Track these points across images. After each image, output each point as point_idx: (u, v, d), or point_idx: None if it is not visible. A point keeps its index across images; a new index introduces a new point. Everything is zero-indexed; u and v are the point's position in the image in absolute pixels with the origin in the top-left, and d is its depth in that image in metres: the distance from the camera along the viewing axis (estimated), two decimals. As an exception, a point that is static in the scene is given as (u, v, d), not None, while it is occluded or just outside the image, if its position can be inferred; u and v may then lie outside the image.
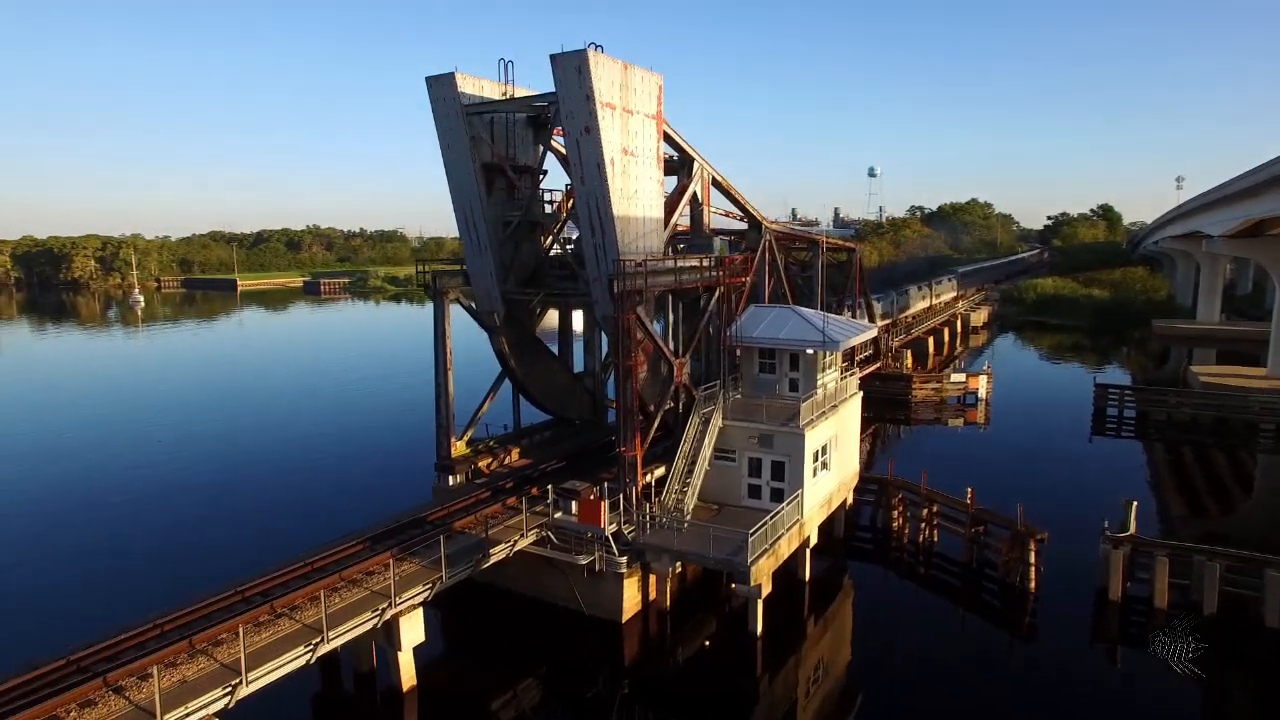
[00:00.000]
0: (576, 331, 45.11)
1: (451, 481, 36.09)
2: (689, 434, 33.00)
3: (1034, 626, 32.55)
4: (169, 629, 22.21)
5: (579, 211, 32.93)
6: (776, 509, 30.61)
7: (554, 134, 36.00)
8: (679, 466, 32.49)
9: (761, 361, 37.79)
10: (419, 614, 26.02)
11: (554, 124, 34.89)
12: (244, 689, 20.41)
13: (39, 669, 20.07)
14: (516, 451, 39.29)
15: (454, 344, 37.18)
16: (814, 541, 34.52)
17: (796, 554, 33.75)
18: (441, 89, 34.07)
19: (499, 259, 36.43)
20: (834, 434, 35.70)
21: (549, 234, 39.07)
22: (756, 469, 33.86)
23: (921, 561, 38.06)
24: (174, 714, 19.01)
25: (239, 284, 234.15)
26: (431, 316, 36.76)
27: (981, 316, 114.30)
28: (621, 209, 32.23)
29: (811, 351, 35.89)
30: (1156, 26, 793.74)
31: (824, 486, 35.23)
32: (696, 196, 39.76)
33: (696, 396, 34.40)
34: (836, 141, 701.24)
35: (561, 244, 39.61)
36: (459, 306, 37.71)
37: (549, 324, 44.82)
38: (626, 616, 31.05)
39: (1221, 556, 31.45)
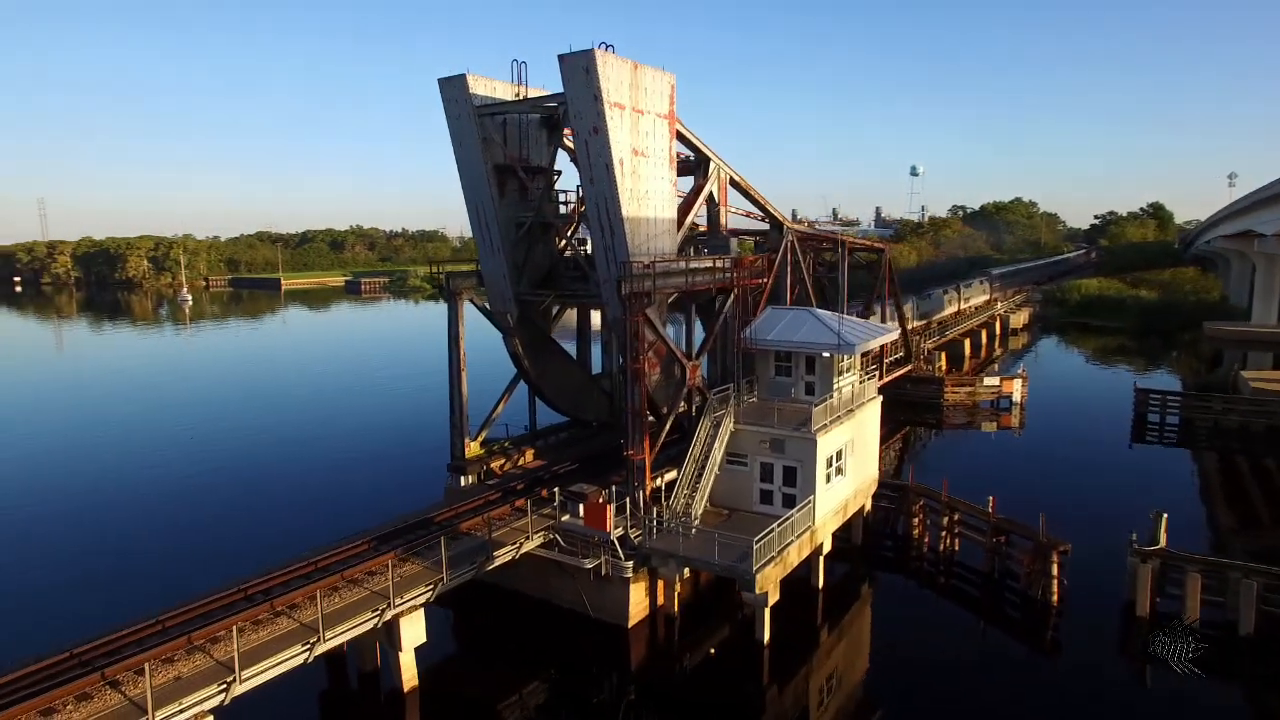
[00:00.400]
0: (597, 331, 44.90)
1: (463, 482, 36.17)
2: (699, 437, 32.54)
3: (1057, 641, 31.48)
4: (170, 625, 22.56)
5: (588, 212, 32.71)
6: (782, 517, 29.96)
7: (566, 134, 35.85)
8: (688, 470, 32.07)
9: (777, 364, 37.13)
10: (420, 615, 26.05)
11: (565, 124, 34.71)
12: (238, 687, 20.59)
13: (41, 662, 20.51)
14: (531, 453, 39.23)
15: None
16: (827, 549, 33.80)
17: (809, 561, 33.07)
18: (453, 90, 34.14)
19: (512, 260, 36.40)
20: (850, 439, 34.89)
21: (563, 235, 38.93)
22: (768, 474, 33.25)
23: (942, 571, 37.05)
24: (167, 710, 19.25)
25: (283, 283, 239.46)
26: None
27: (1022, 318, 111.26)
28: (631, 210, 31.91)
29: (828, 354, 35.14)
30: (1209, 10, 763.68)
31: (839, 493, 34.46)
32: (713, 197, 39.24)
33: (708, 399, 33.91)
34: (880, 140, 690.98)
35: (574, 245, 39.43)
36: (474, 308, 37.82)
37: (569, 323, 44.76)
38: (633, 621, 30.74)
39: (1260, 574, 29.96)
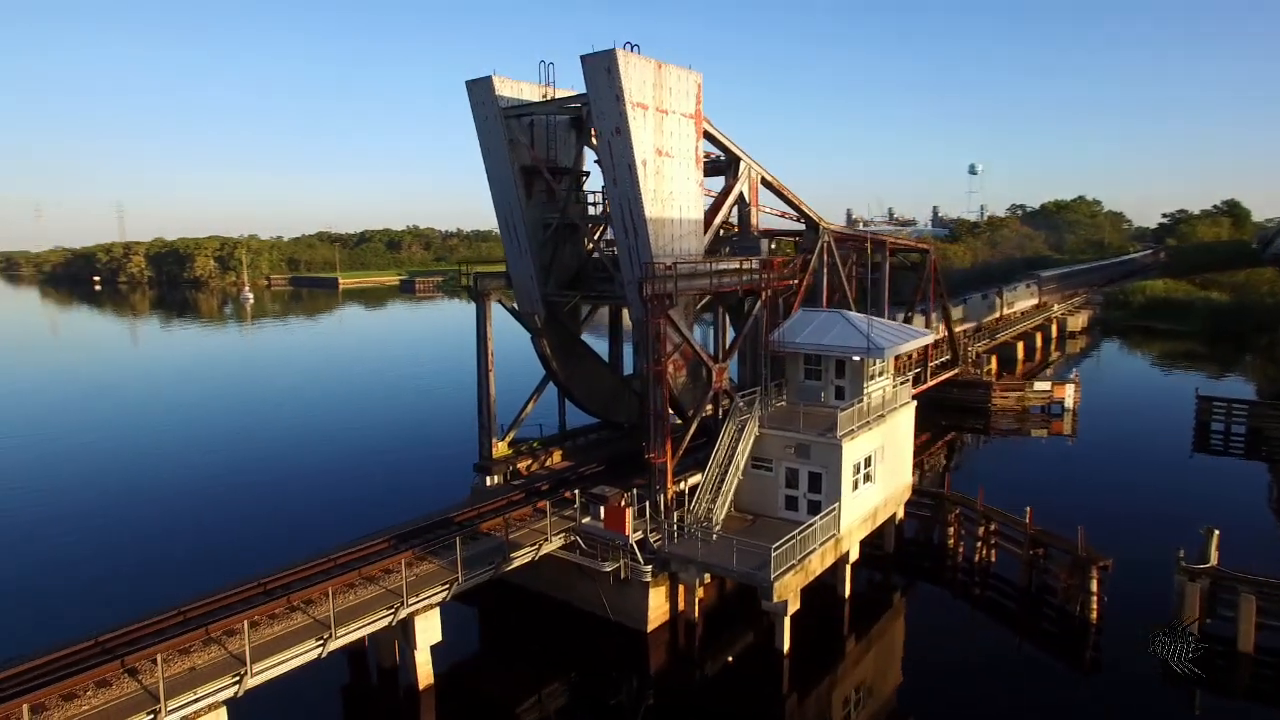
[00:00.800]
0: (629, 332, 44.69)
1: (489, 482, 36.39)
2: (723, 441, 32.10)
3: (1096, 661, 30.09)
4: (191, 616, 23.19)
5: (612, 213, 32.56)
6: (806, 523, 29.29)
7: (593, 135, 35.73)
8: (711, 475, 31.66)
9: (807, 368, 36.39)
10: (435, 614, 26.24)
11: (590, 124, 34.60)
12: (250, 680, 21.01)
13: (69, 648, 21.29)
14: (559, 454, 39.27)
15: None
16: (855, 557, 32.96)
17: (835, 570, 32.31)
18: (480, 92, 34.36)
19: (539, 261, 36.47)
20: (880, 445, 33.96)
21: (591, 236, 38.84)
22: (793, 480, 32.60)
23: (977, 582, 35.83)
24: (180, 699, 19.79)
25: (340, 282, 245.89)
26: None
27: (1080, 321, 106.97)
28: (655, 210, 31.62)
29: (858, 358, 34.27)
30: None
31: (867, 500, 33.57)
32: (743, 197, 38.66)
33: (734, 403, 33.40)
34: (939, 138, 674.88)
35: (600, 247, 39.29)
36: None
37: (603, 320, 44.73)
38: (652, 626, 30.47)
39: (1324, 597, 28.10)
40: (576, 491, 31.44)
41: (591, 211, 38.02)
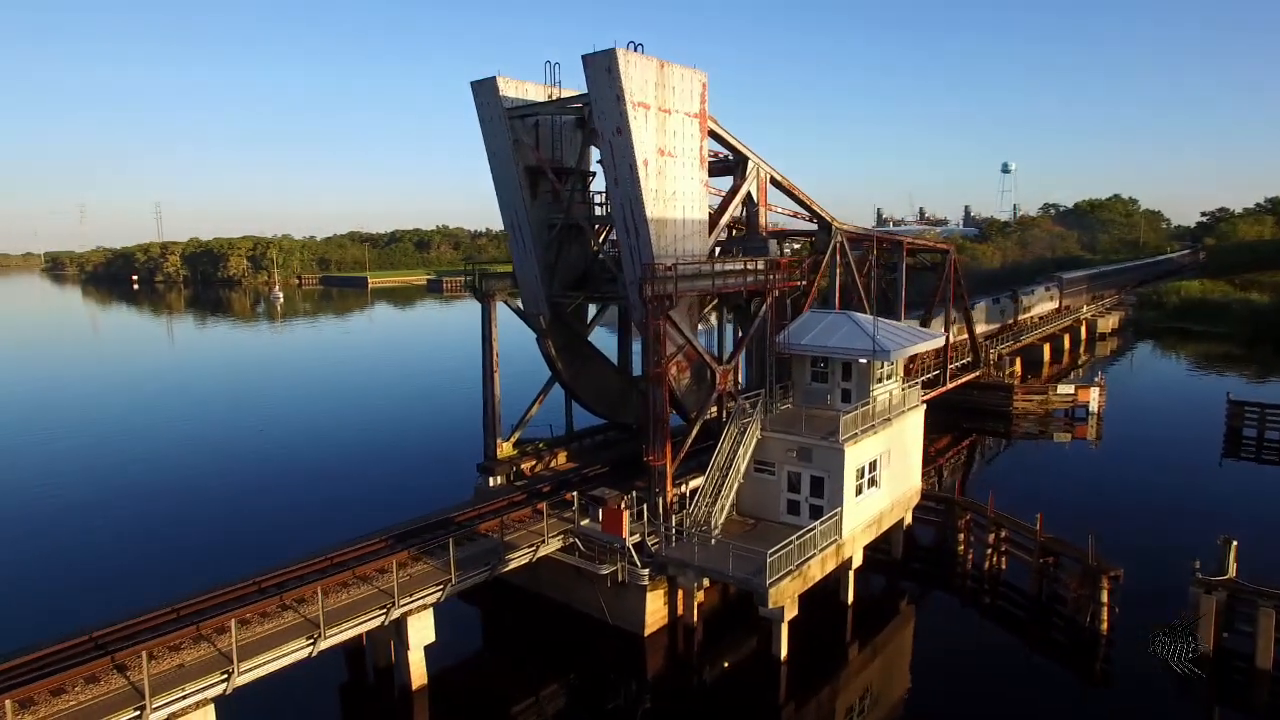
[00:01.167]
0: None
1: (492, 483, 36.40)
2: (723, 445, 31.73)
3: (1107, 673, 29.24)
4: (185, 613, 23.43)
5: (614, 213, 32.34)
6: (804, 529, 28.81)
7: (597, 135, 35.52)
8: (711, 478, 31.30)
9: (814, 370, 35.89)
10: (429, 615, 26.25)
11: (592, 124, 34.42)
12: (238, 678, 21.14)
13: (62, 643, 21.62)
14: (564, 455, 39.18)
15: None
16: (858, 563, 32.38)
17: (836, 576, 31.79)
18: (484, 93, 34.35)
19: (544, 261, 36.39)
20: (886, 450, 33.33)
21: (598, 236, 38.65)
22: (795, 484, 32.13)
23: (987, 590, 35.04)
24: (168, 696, 19.96)
25: (369, 281, 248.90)
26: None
27: (1111, 322, 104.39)
28: (657, 211, 31.35)
29: (864, 361, 33.68)
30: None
31: (872, 505, 32.97)
32: (751, 197, 38.23)
33: (737, 405, 33.00)
34: (972, 136, 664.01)
35: (603, 248, 39.05)
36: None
37: (614, 319, 44.52)
38: (649, 630, 30.21)
39: (1350, 614, 26.95)
40: (575, 493, 31.25)
41: (597, 212, 37.83)
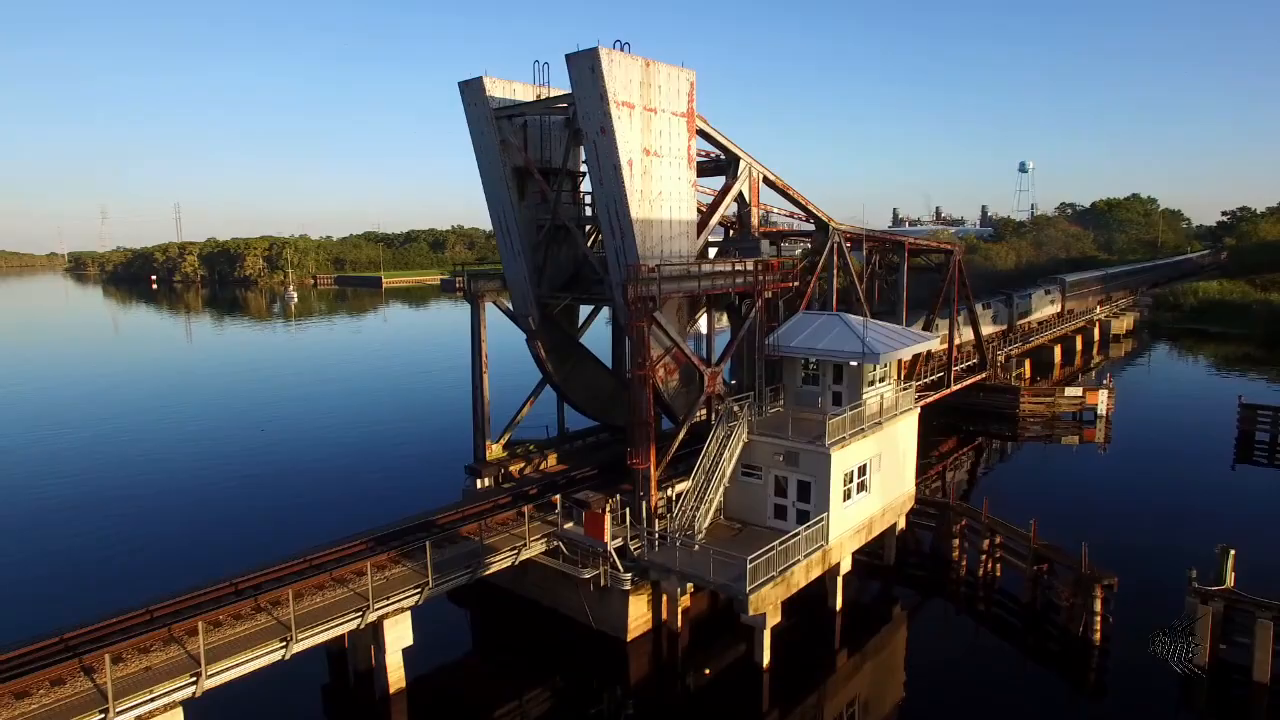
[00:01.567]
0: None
1: (480, 485, 36.23)
2: (709, 448, 31.33)
3: (1101, 684, 28.61)
4: (158, 615, 23.39)
5: (599, 214, 32.05)
6: (787, 534, 28.34)
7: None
8: (696, 481, 30.93)
9: (805, 373, 35.39)
10: (406, 618, 26.09)
11: (577, 124, 34.13)
12: (205, 681, 21.06)
13: (33, 644, 21.63)
14: (554, 457, 38.92)
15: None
16: (846, 569, 31.87)
17: (824, 581, 31.32)
18: (471, 94, 34.18)
19: (532, 263, 36.17)
20: (876, 454, 32.78)
21: (589, 237, 38.35)
22: (782, 488, 31.67)
23: (981, 597, 34.46)
24: (134, 699, 19.92)
25: (383, 281, 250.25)
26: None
27: (1125, 324, 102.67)
28: (642, 211, 31.02)
29: (855, 363, 33.15)
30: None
31: (861, 510, 32.44)
32: (744, 197, 37.79)
33: (725, 407, 32.60)
34: (989, 135, 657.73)
35: (591, 249, 38.73)
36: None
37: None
38: (632, 635, 29.89)
39: (1349, 627, 26.11)
40: (559, 496, 31.00)
41: (587, 212, 37.56)
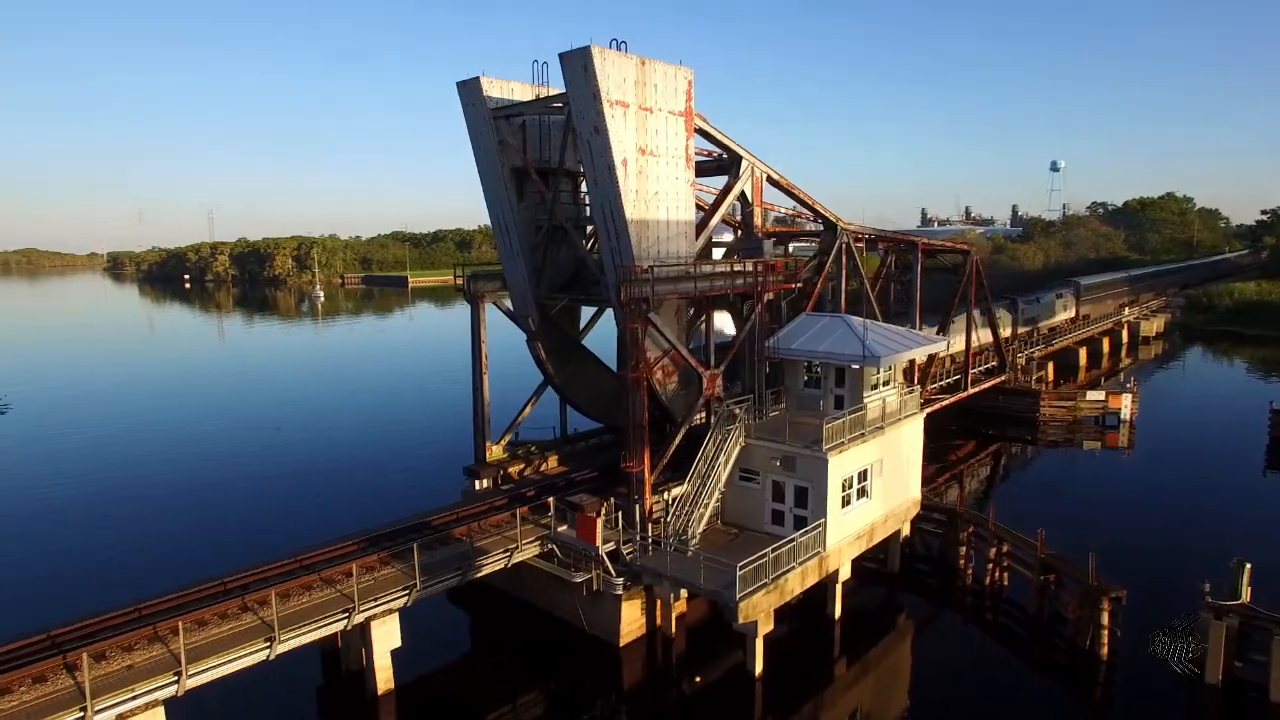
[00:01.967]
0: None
1: (478, 486, 36.12)
2: (705, 451, 30.88)
3: (1109, 699, 27.68)
4: (146, 613, 23.53)
5: (594, 215, 31.75)
6: (781, 541, 27.78)
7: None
8: (692, 485, 30.49)
9: (808, 376, 34.79)
10: (394, 619, 26.00)
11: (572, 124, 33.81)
12: (187, 681, 21.11)
13: (19, 641, 21.87)
14: (555, 459, 38.69)
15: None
16: (845, 576, 31.23)
17: (823, 589, 30.73)
18: (469, 94, 34.06)
19: (531, 263, 35.97)
20: (878, 459, 32.08)
21: (586, 238, 38.06)
22: (780, 493, 31.12)
23: (988, 607, 33.61)
24: (115, 697, 20.03)
25: (410, 280, 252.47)
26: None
27: (1155, 326, 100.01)
28: (638, 212, 30.65)
29: (857, 366, 32.48)
30: None
31: (862, 517, 31.76)
32: (746, 197, 37.26)
33: (723, 410, 32.12)
34: (1021, 133, 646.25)
35: (588, 250, 38.40)
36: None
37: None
38: (625, 640, 29.56)
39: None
40: (552, 499, 30.75)
41: (587, 213, 37.24)
